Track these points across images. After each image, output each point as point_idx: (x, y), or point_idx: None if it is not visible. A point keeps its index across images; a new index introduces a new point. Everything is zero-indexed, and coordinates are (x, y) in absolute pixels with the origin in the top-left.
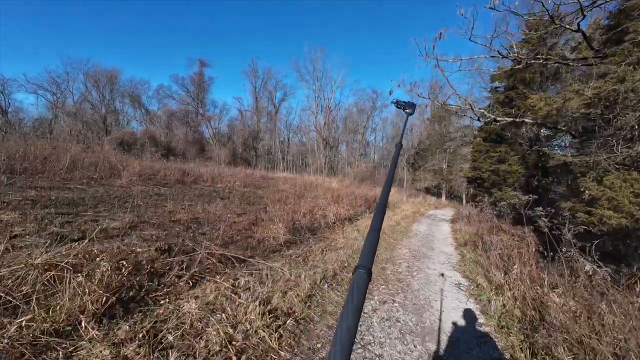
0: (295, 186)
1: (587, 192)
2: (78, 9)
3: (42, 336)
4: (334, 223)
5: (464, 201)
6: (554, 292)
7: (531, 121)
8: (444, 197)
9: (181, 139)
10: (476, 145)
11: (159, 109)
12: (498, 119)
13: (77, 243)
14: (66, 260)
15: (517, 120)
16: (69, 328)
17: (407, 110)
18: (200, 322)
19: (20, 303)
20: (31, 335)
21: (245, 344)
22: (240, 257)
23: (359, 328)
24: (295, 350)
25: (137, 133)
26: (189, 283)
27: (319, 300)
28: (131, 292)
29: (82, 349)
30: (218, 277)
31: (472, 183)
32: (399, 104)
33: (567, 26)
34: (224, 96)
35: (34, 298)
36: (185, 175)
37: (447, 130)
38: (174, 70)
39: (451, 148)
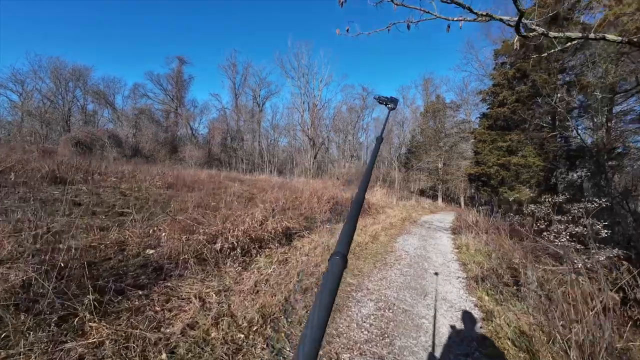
0: (255, 188)
1: None
2: (49, 6)
3: None
4: (232, 251)
5: (462, 204)
6: None
7: (617, 38)
8: (440, 200)
9: (150, 139)
10: (479, 134)
11: (132, 107)
12: (552, 34)
13: None
14: None
15: (593, 37)
16: None
17: (389, 105)
18: None
19: None
20: None
21: None
22: None
23: None
24: None
25: (97, 132)
26: None
27: None
28: None
29: None
30: None
31: (474, 182)
32: (380, 100)
33: None
34: (204, 96)
35: None
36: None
37: (443, 125)
38: (153, 68)
39: (447, 145)
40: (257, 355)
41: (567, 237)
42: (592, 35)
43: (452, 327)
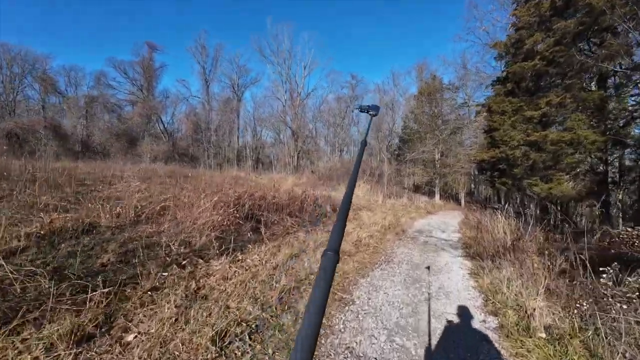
0: (202, 183)
1: None
2: None
3: None
4: None
5: (462, 202)
6: None
7: None
8: (437, 197)
9: (104, 131)
10: (496, 103)
11: (83, 95)
12: None
13: None
14: None
15: None
16: None
17: (371, 112)
18: None
19: None
20: None
21: None
22: None
23: None
24: None
25: (31, 122)
26: None
27: None
28: None
29: None
30: None
31: (486, 172)
32: (362, 108)
33: None
34: (171, 83)
35: None
36: None
37: (440, 109)
38: (123, 56)
39: (445, 132)
40: None
41: None
42: None
43: None
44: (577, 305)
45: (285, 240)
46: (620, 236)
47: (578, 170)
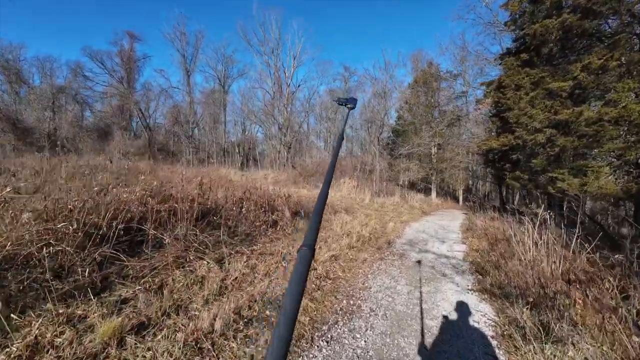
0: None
1: None
2: None
3: None
4: None
5: (461, 200)
6: None
7: None
8: (434, 195)
9: (73, 124)
10: (508, 76)
11: (49, 85)
12: None
13: None
14: None
15: None
16: None
17: (349, 106)
18: None
19: None
20: None
21: None
22: None
23: None
24: None
25: None
26: None
27: None
28: None
29: None
30: None
31: (494, 164)
32: (340, 101)
33: None
34: (149, 73)
35: None
36: None
37: (437, 99)
38: (103, 47)
39: (442, 123)
40: None
41: None
42: None
43: None
44: None
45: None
46: None
47: (626, 158)
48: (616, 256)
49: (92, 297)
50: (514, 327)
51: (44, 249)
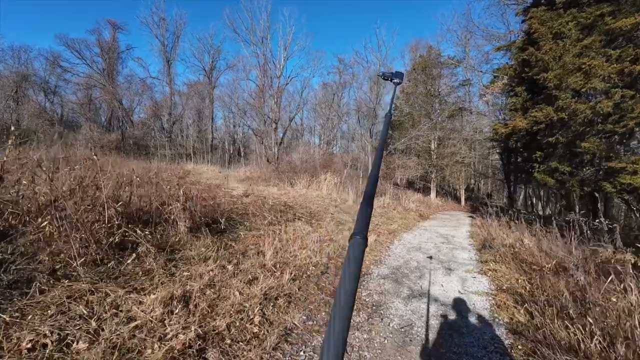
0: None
1: None
2: None
3: None
4: None
5: (463, 200)
6: None
7: None
8: (433, 194)
9: (34, 115)
10: (542, 23)
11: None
12: None
13: None
14: None
15: None
16: None
17: (395, 81)
18: None
19: None
20: None
21: None
22: None
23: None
24: None
25: None
26: None
27: None
28: None
29: None
30: None
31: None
32: (385, 76)
33: None
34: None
35: None
36: None
37: (437, 89)
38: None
39: (443, 114)
40: None
41: None
42: None
43: None
44: None
45: None
46: None
47: None
48: None
49: None
50: None
51: None
